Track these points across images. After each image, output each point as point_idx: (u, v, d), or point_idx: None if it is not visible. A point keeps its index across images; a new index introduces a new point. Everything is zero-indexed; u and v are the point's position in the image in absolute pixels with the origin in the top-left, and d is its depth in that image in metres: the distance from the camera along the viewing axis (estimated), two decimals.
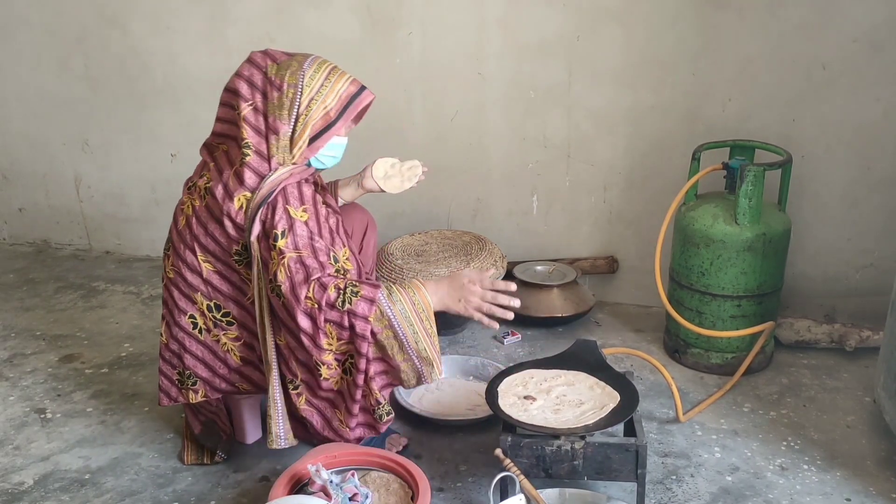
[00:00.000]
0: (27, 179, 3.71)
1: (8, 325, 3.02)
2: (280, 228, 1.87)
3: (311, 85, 1.91)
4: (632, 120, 2.87)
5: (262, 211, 1.88)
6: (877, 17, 2.53)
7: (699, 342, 2.60)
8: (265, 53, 1.98)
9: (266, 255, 1.89)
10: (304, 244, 1.88)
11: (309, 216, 1.91)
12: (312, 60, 1.95)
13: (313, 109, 1.92)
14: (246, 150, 1.91)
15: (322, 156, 2.02)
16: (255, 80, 1.94)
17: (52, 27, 3.40)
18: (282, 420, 1.99)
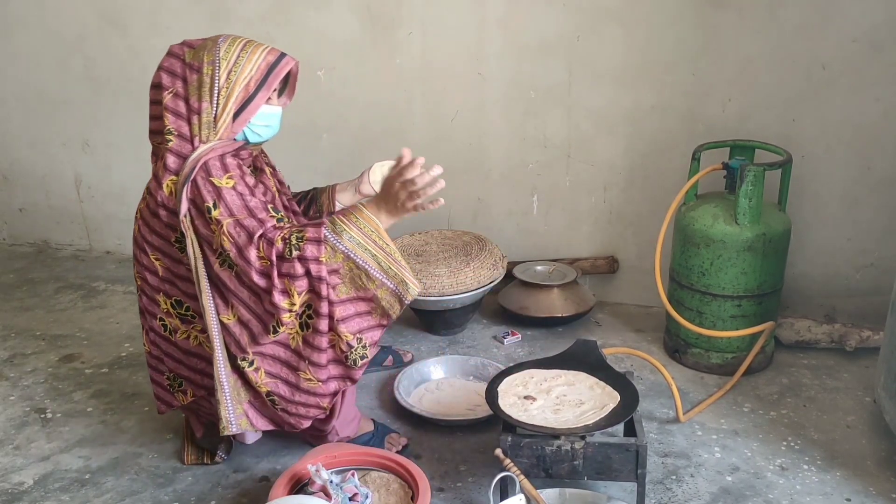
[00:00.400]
0: (27, 180, 3.71)
1: (8, 325, 3.02)
2: (210, 200, 1.86)
3: (228, 58, 1.92)
4: (632, 120, 2.87)
5: (187, 188, 1.88)
6: (877, 17, 2.53)
7: (699, 342, 2.60)
8: (182, 43, 1.99)
9: (205, 231, 1.88)
10: (238, 207, 1.87)
11: (235, 181, 1.90)
12: (226, 37, 1.96)
13: (233, 81, 1.92)
14: (168, 136, 1.93)
15: (255, 127, 2.01)
16: (174, 68, 1.96)
17: (52, 27, 3.40)
18: (231, 404, 1.94)
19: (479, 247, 2.81)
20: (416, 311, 2.85)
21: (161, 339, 2.04)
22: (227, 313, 1.92)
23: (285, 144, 3.14)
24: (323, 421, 2.07)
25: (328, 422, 2.07)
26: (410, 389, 2.49)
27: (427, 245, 2.88)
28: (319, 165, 3.24)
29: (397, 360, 2.67)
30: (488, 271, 2.71)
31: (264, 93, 1.96)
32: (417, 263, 2.72)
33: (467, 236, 2.92)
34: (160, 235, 1.96)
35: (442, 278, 2.64)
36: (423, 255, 2.80)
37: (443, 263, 2.72)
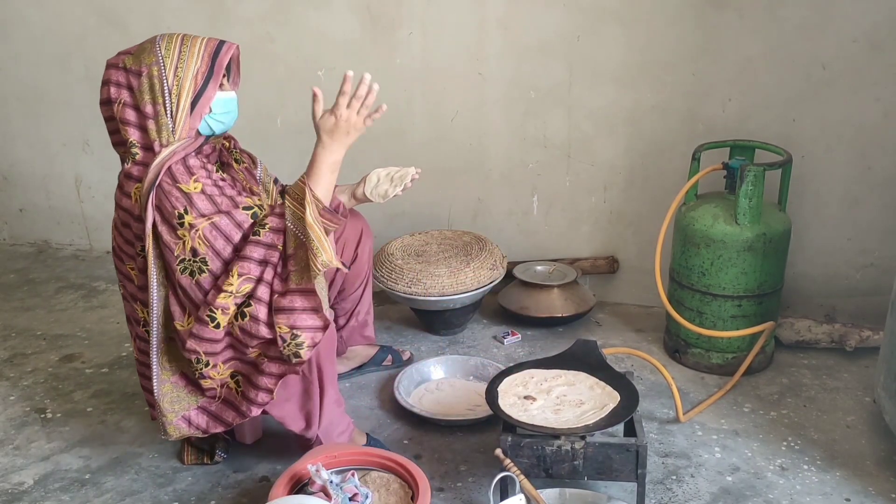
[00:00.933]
0: (27, 180, 3.71)
1: (8, 325, 3.02)
2: (181, 207, 1.84)
3: (170, 56, 1.90)
4: (632, 120, 2.87)
5: (152, 196, 1.86)
6: (877, 17, 2.53)
7: (700, 342, 2.60)
8: (118, 54, 1.97)
9: (169, 237, 1.85)
10: (210, 210, 1.86)
11: (203, 184, 1.88)
12: (161, 36, 1.94)
13: (182, 77, 1.90)
14: (133, 149, 1.92)
15: (215, 116, 1.98)
16: (118, 79, 1.93)
17: (52, 27, 3.40)
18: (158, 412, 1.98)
19: (479, 247, 2.81)
20: (416, 311, 2.85)
21: (148, 345, 2.04)
22: (182, 320, 1.90)
23: (285, 144, 3.16)
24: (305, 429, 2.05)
25: (309, 429, 2.05)
26: (410, 389, 2.49)
27: (427, 245, 2.88)
28: None
29: (397, 359, 2.66)
30: (488, 271, 2.71)
31: (214, 81, 1.93)
32: (417, 263, 2.72)
33: (467, 236, 2.92)
34: (130, 244, 1.97)
35: (442, 278, 2.64)
36: (423, 255, 2.80)
37: (443, 263, 2.72)
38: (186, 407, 1.99)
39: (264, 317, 1.84)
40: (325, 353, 1.98)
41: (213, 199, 1.87)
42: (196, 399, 2.00)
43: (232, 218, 1.87)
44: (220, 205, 1.87)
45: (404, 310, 2.99)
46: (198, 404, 2.00)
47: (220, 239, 1.85)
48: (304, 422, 2.03)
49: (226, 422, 2.01)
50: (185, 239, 1.85)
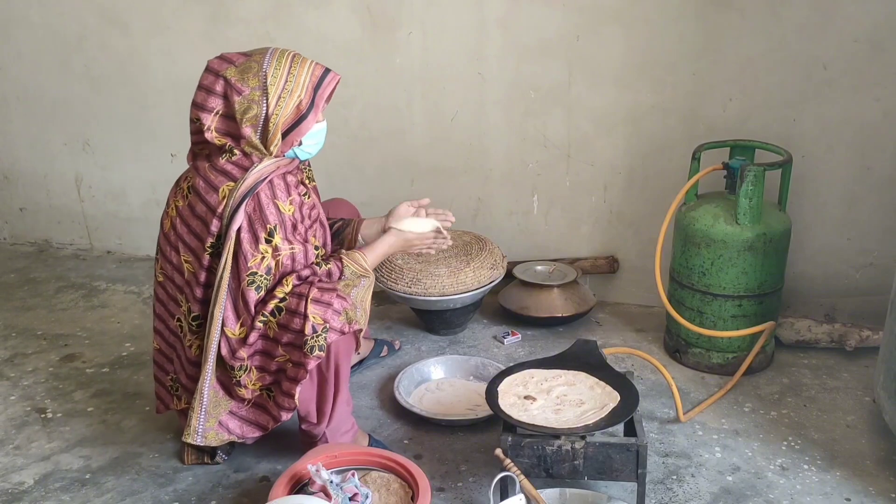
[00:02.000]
0: (28, 179, 3.71)
1: (9, 325, 3.02)
2: (273, 222, 1.90)
3: (276, 84, 1.90)
4: (632, 120, 2.87)
5: (247, 202, 1.89)
6: (877, 17, 2.53)
7: (700, 342, 2.60)
8: (221, 58, 1.96)
9: (249, 247, 1.89)
10: (293, 237, 1.94)
11: (295, 207, 1.96)
12: (271, 56, 1.92)
13: (283, 107, 1.91)
14: (232, 150, 1.93)
15: (306, 146, 2.02)
16: (216, 88, 1.92)
17: (52, 27, 3.40)
18: (203, 416, 1.99)
19: (479, 247, 2.81)
20: (416, 311, 2.85)
21: (176, 339, 2.06)
22: (234, 328, 1.94)
23: None
24: (314, 425, 2.08)
25: (319, 425, 2.08)
26: (411, 389, 2.49)
27: None
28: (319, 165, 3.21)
29: (391, 349, 2.73)
30: (488, 271, 2.71)
31: (314, 114, 1.96)
32: (417, 263, 2.72)
33: (467, 236, 2.91)
34: (197, 237, 1.97)
35: (442, 278, 2.64)
36: (424, 255, 2.80)
37: (443, 263, 2.72)
38: (221, 412, 2.03)
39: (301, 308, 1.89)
40: (344, 353, 2.01)
41: (298, 227, 1.96)
42: (228, 403, 2.03)
43: (306, 253, 1.96)
44: (303, 234, 1.96)
45: (404, 310, 2.99)
46: (229, 409, 2.04)
47: (291, 268, 1.94)
48: (316, 416, 2.06)
49: (261, 426, 2.06)
50: (265, 255, 1.89)
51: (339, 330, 1.92)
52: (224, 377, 2.00)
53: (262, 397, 2.03)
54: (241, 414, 2.05)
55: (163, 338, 2.11)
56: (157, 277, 2.09)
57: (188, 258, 1.99)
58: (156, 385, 2.18)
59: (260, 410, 2.05)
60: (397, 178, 3.18)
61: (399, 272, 2.69)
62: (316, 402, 2.05)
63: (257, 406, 2.05)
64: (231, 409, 2.04)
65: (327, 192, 2.97)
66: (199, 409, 1.99)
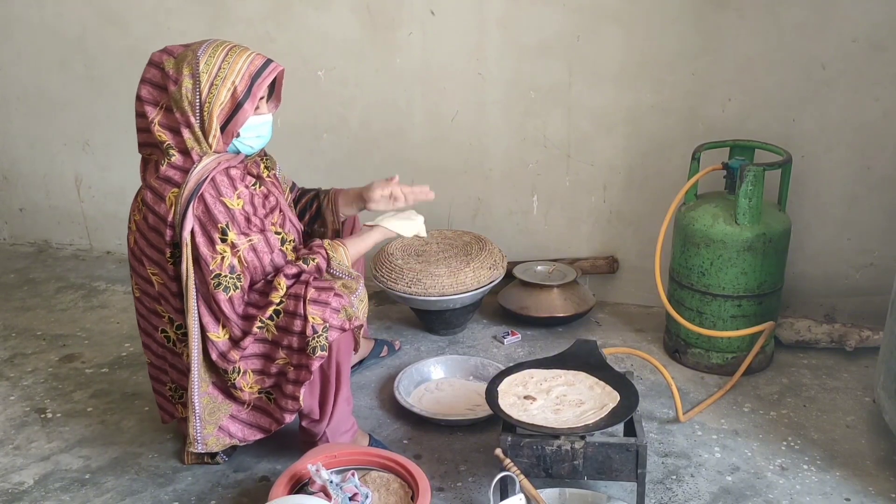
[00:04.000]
0: (28, 179, 3.71)
1: (9, 325, 3.02)
2: (223, 221, 1.87)
3: (209, 71, 1.87)
4: (632, 120, 2.87)
5: (193, 204, 1.86)
6: (877, 16, 2.53)
7: (699, 342, 2.60)
8: (162, 51, 1.95)
9: (206, 250, 1.88)
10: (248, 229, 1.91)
11: (244, 200, 1.92)
12: (207, 45, 1.91)
13: (215, 95, 1.88)
14: (169, 150, 1.91)
15: (245, 139, 1.98)
16: (156, 80, 1.92)
17: (52, 27, 3.40)
18: (199, 424, 1.99)
19: (479, 247, 2.81)
20: (416, 311, 2.85)
21: (166, 350, 2.05)
22: (217, 331, 1.93)
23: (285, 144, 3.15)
24: (315, 423, 2.08)
25: (320, 423, 2.08)
26: (410, 389, 2.49)
27: (427, 245, 2.88)
28: (319, 165, 3.24)
29: (391, 348, 2.73)
30: (488, 271, 2.71)
31: (250, 103, 1.91)
32: (417, 263, 2.72)
33: (467, 236, 2.92)
34: (157, 249, 1.96)
35: (442, 278, 2.64)
36: (423, 255, 2.80)
37: (443, 263, 2.72)
38: (221, 417, 2.02)
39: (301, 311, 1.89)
40: (344, 351, 2.01)
41: (251, 219, 1.93)
42: (229, 407, 2.03)
43: (268, 241, 1.94)
44: (259, 224, 1.93)
45: (404, 310, 2.99)
46: (230, 413, 2.03)
47: (256, 260, 1.92)
48: (318, 414, 2.06)
49: (264, 428, 2.05)
50: (224, 255, 1.88)
51: (340, 327, 1.92)
52: (220, 382, 2.00)
53: (262, 400, 2.03)
54: (242, 417, 2.05)
55: (152, 351, 2.11)
56: (134, 293, 2.09)
57: (154, 271, 1.99)
58: (156, 397, 2.18)
59: (261, 413, 2.05)
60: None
61: (399, 272, 2.69)
62: (318, 399, 2.05)
63: (258, 409, 2.05)
64: (232, 413, 2.03)
65: None
66: (194, 418, 1.98)
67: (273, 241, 1.96)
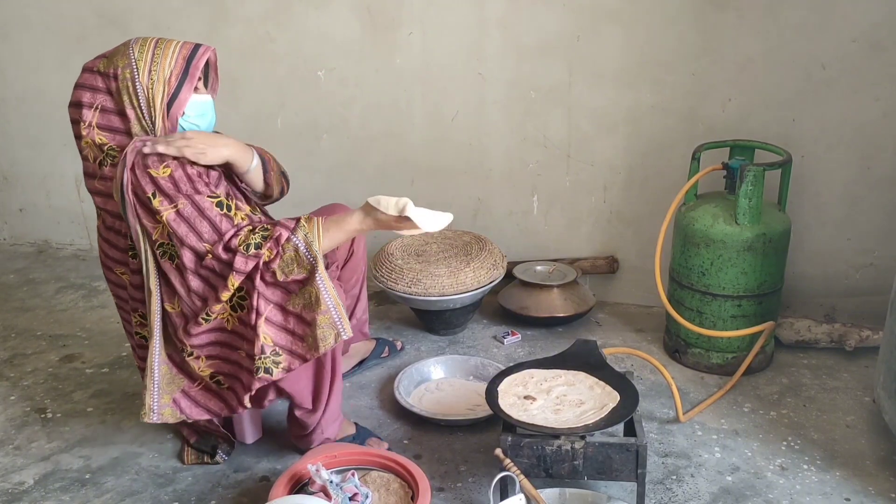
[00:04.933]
0: (28, 180, 3.71)
1: (9, 325, 3.02)
2: (149, 191, 1.85)
3: (143, 58, 1.90)
4: (632, 120, 2.87)
5: (126, 181, 1.86)
6: (876, 16, 2.53)
7: (699, 342, 2.60)
8: (95, 58, 1.98)
9: (148, 222, 1.87)
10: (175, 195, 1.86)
11: (171, 169, 1.88)
12: (136, 40, 1.94)
13: (155, 80, 1.90)
14: (110, 152, 1.92)
15: (189, 119, 1.98)
16: (94, 83, 1.95)
17: (52, 27, 3.40)
18: (157, 392, 1.95)
19: (479, 247, 2.81)
20: (416, 312, 2.85)
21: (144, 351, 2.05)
22: (171, 303, 1.92)
23: (285, 144, 3.16)
24: (308, 413, 2.07)
25: (314, 413, 2.07)
26: (410, 389, 2.49)
27: (427, 245, 2.88)
28: (319, 165, 3.24)
29: (392, 349, 2.71)
30: (488, 271, 2.71)
31: (189, 84, 1.93)
32: (417, 263, 2.72)
33: (467, 236, 2.92)
34: (118, 248, 1.97)
35: (442, 278, 2.64)
36: (423, 255, 2.80)
37: (443, 263, 2.72)
38: (175, 389, 1.99)
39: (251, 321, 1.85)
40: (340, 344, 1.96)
41: (179, 186, 1.87)
42: (182, 381, 1.99)
43: (196, 204, 1.86)
44: (188, 190, 1.87)
45: (404, 310, 2.99)
46: (182, 387, 2.00)
47: (185, 226, 1.85)
48: (312, 403, 2.05)
49: (212, 411, 2.01)
50: (157, 224, 1.87)
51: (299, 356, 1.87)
52: (175, 354, 1.97)
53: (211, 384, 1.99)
54: (192, 394, 2.00)
55: (136, 355, 2.11)
56: (115, 301, 2.11)
57: (122, 271, 2.00)
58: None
59: (211, 394, 2.01)
60: (397, 178, 3.18)
61: (399, 272, 2.69)
62: (312, 389, 2.03)
63: (208, 390, 2.01)
64: (183, 388, 1.99)
65: (327, 192, 2.98)
66: (152, 386, 1.94)
67: (204, 203, 1.87)
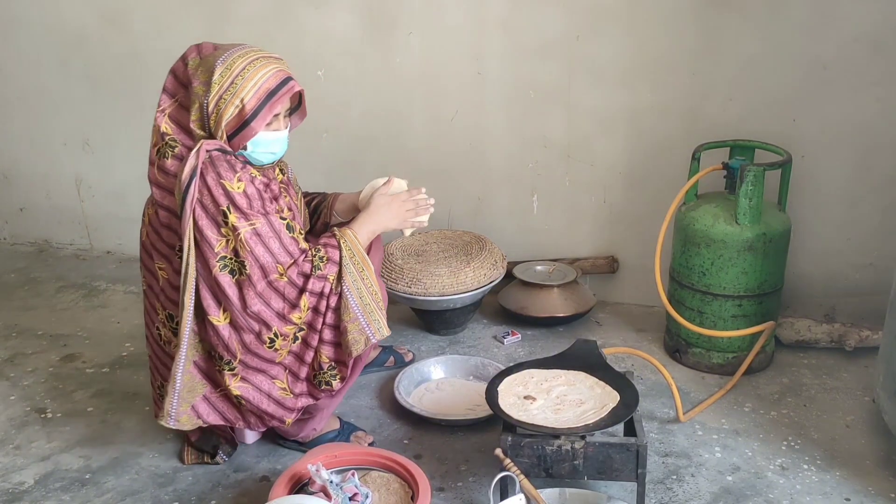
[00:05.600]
0: (28, 179, 3.71)
1: (9, 325, 3.02)
2: (224, 204, 1.83)
3: (221, 83, 1.84)
4: (632, 120, 2.87)
5: (194, 188, 1.82)
6: (877, 16, 2.53)
7: (700, 342, 2.60)
8: (197, 46, 1.93)
9: (212, 233, 1.84)
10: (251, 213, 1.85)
11: (244, 183, 1.86)
12: (229, 55, 1.87)
13: (223, 109, 1.85)
14: (172, 143, 1.91)
15: (254, 153, 1.94)
16: (179, 73, 1.92)
17: (52, 27, 3.40)
18: (177, 400, 1.95)
19: (479, 247, 2.81)
20: (416, 311, 2.85)
21: (157, 346, 2.05)
22: (217, 315, 1.89)
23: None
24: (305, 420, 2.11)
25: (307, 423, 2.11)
26: (410, 389, 2.49)
27: (427, 245, 2.89)
28: (319, 165, 3.24)
29: (399, 359, 2.67)
30: (488, 271, 2.71)
31: (259, 121, 1.87)
32: (417, 263, 2.72)
33: (467, 236, 2.92)
34: (168, 244, 1.96)
35: (442, 278, 2.64)
36: (423, 255, 2.80)
37: (443, 263, 2.72)
38: (195, 397, 1.99)
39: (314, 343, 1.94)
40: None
41: (253, 203, 1.87)
42: (204, 387, 2.00)
43: (272, 225, 1.88)
44: (260, 209, 1.88)
45: (404, 310, 2.99)
46: (203, 393, 2.00)
47: (261, 245, 1.85)
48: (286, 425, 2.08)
49: (227, 419, 2.03)
50: (228, 237, 1.84)
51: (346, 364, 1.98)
52: (203, 362, 1.96)
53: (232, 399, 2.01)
54: (212, 399, 2.01)
55: (149, 343, 2.10)
56: (142, 286, 2.09)
57: (161, 265, 1.97)
58: (153, 390, 2.16)
59: (231, 404, 2.02)
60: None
61: (399, 272, 2.69)
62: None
63: (228, 399, 2.02)
64: (205, 394, 2.00)
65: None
66: (173, 394, 1.94)
67: (277, 225, 1.88)
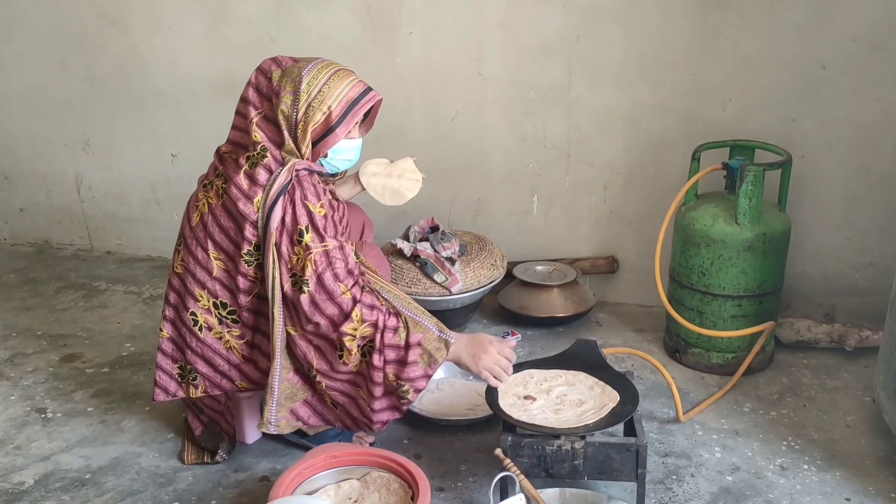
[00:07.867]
0: (28, 179, 3.71)
1: (9, 325, 3.02)
2: (304, 223, 1.90)
3: (309, 91, 1.92)
4: (632, 120, 2.87)
5: (282, 200, 1.90)
6: (876, 16, 2.53)
7: (700, 342, 2.60)
8: (273, 60, 2.00)
9: (287, 249, 1.91)
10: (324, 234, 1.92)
11: (326, 210, 1.94)
12: (314, 66, 1.96)
13: (311, 116, 1.93)
14: (263, 150, 1.95)
15: (332, 160, 2.05)
16: (261, 87, 1.98)
17: (52, 27, 3.40)
18: (275, 407, 2.01)
19: (479, 247, 2.81)
20: None
21: (188, 331, 2.05)
22: (293, 326, 1.96)
23: None
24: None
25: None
26: None
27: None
28: None
29: None
30: (488, 271, 2.71)
31: (343, 128, 1.97)
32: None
33: (468, 236, 2.92)
34: (233, 241, 1.98)
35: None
36: None
37: None
38: (295, 401, 2.05)
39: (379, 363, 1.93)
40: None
41: (327, 228, 1.94)
42: (305, 392, 2.05)
43: (343, 250, 1.94)
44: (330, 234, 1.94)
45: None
46: (305, 397, 2.06)
47: (326, 264, 1.91)
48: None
49: (328, 420, 2.10)
50: (299, 255, 1.90)
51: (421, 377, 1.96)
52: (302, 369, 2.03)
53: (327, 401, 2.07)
54: (313, 402, 2.08)
55: (174, 327, 2.09)
56: (174, 268, 2.08)
57: (219, 257, 2.00)
58: (158, 373, 2.13)
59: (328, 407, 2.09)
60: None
61: (399, 272, 2.69)
62: None
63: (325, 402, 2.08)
64: (306, 398, 2.06)
65: None
66: (272, 402, 2.00)
67: (348, 251, 1.96)
